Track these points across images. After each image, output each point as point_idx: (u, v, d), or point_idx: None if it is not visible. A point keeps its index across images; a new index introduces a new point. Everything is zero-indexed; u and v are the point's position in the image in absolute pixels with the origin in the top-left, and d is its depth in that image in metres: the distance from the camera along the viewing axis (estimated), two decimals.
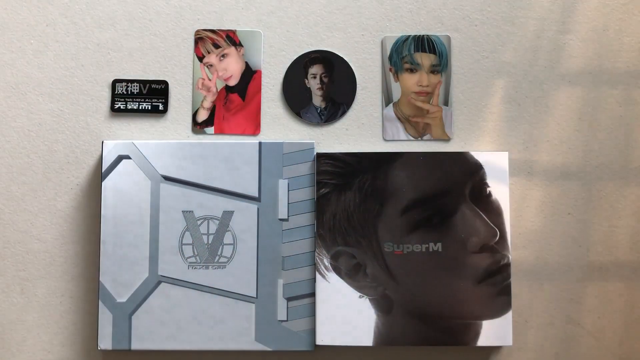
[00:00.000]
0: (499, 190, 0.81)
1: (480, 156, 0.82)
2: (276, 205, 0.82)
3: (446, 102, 0.85)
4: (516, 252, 0.83)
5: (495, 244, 0.80)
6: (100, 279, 0.81)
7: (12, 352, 0.83)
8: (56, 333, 0.83)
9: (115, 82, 0.85)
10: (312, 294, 0.81)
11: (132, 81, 0.85)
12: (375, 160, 0.82)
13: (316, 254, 0.81)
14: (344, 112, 0.85)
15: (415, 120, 0.85)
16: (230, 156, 0.82)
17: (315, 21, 0.86)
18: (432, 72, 0.85)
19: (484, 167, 0.82)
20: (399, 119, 0.85)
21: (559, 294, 0.83)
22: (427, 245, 0.81)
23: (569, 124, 0.85)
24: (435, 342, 0.81)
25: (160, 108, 0.85)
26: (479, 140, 0.85)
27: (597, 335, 0.83)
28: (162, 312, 0.81)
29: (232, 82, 0.85)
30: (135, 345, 0.81)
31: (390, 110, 0.85)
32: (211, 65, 0.85)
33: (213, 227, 0.82)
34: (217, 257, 0.82)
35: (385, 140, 0.85)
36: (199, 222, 0.82)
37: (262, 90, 0.85)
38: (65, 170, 0.84)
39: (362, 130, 0.85)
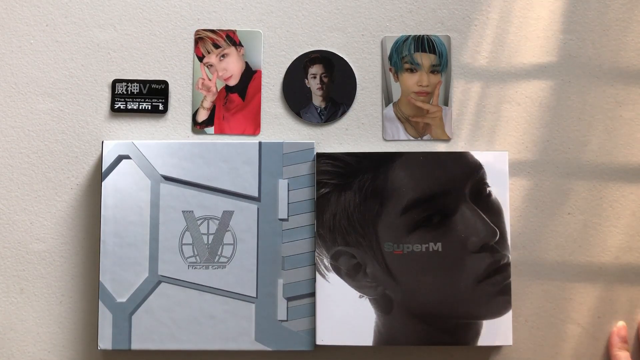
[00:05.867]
0: (499, 190, 0.81)
1: (480, 156, 0.82)
2: (276, 205, 0.82)
3: (446, 102, 0.85)
4: (516, 252, 0.83)
5: (495, 244, 0.80)
6: (100, 279, 0.81)
7: (12, 352, 0.83)
8: (56, 333, 0.83)
9: (115, 82, 0.85)
10: (312, 294, 0.81)
11: (132, 81, 0.85)
12: (375, 160, 0.82)
13: (316, 254, 0.81)
14: (344, 112, 0.85)
15: (415, 120, 0.85)
16: (230, 156, 0.82)
17: (315, 21, 0.86)
18: (432, 72, 0.85)
19: (484, 167, 0.82)
20: (399, 119, 0.85)
21: (558, 294, 0.83)
22: (427, 245, 0.81)
23: (568, 123, 0.85)
24: (435, 342, 0.81)
25: (160, 108, 0.85)
26: (479, 140, 0.85)
27: (597, 335, 0.83)
28: (162, 312, 0.81)
29: (232, 82, 0.85)
30: (135, 345, 0.81)
31: (390, 110, 0.85)
32: (211, 65, 0.85)
33: (213, 227, 0.82)
34: (217, 257, 0.82)
35: (385, 140, 0.85)
36: (199, 222, 0.82)
37: (262, 90, 0.85)
38: (65, 170, 0.84)
39: (362, 130, 0.85)
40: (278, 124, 0.85)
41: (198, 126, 0.85)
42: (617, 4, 0.86)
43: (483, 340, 0.80)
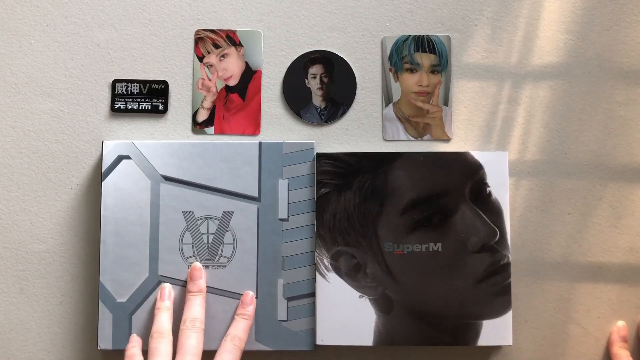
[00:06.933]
0: (499, 190, 0.81)
1: (480, 156, 0.82)
2: (276, 205, 0.82)
3: (446, 102, 0.85)
4: (516, 252, 0.83)
5: (495, 244, 0.80)
6: (100, 279, 0.81)
7: (12, 352, 0.83)
8: (56, 333, 0.83)
9: (115, 82, 0.85)
10: (312, 294, 0.81)
11: (132, 81, 0.85)
12: (375, 160, 0.82)
13: (316, 254, 0.81)
14: (344, 112, 0.85)
15: (415, 120, 0.85)
16: (230, 156, 0.82)
17: (315, 21, 0.86)
18: (432, 72, 0.85)
19: (484, 167, 0.82)
20: (399, 119, 0.85)
21: (559, 294, 0.83)
22: (427, 245, 0.81)
23: (568, 123, 0.85)
24: (435, 342, 0.81)
25: (160, 108, 0.85)
26: (479, 140, 0.85)
27: (597, 335, 0.83)
28: None
29: (232, 82, 0.85)
30: None
31: (390, 110, 0.85)
32: (211, 65, 0.85)
33: (213, 227, 0.82)
34: (217, 257, 0.82)
35: (385, 140, 0.85)
36: (199, 222, 0.82)
37: (262, 90, 0.85)
38: (65, 170, 0.84)
39: (362, 130, 0.85)
40: (278, 124, 0.85)
41: (198, 126, 0.85)
42: (618, 4, 0.86)
43: (483, 340, 0.80)
